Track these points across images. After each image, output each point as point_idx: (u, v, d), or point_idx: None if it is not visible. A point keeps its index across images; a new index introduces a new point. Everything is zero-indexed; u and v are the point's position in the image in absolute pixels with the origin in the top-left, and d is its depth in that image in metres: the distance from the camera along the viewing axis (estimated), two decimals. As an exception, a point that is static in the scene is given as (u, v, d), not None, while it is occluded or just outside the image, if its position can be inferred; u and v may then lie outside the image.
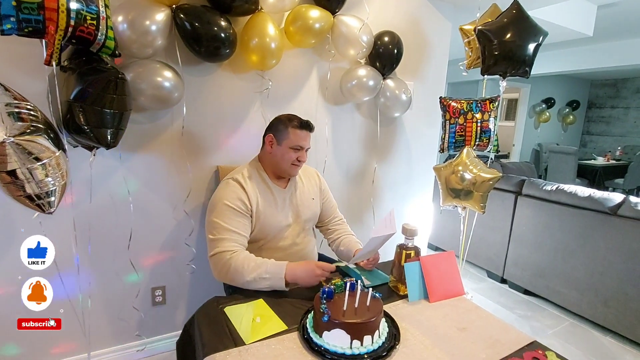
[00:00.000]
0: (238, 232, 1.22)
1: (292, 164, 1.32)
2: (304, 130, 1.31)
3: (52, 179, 1.05)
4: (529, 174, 3.21)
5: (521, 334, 1.00)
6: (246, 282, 1.13)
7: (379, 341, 0.89)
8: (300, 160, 1.32)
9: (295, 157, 1.31)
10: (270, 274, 1.11)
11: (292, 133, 1.29)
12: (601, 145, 6.78)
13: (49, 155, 1.02)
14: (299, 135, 1.30)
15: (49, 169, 1.04)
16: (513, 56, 1.66)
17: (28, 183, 1.01)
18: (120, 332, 1.65)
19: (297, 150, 1.31)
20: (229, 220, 1.22)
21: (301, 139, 1.30)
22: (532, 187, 2.47)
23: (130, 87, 1.34)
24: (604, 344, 2.04)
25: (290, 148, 1.30)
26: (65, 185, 1.13)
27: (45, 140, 1.02)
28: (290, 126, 1.30)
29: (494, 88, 1.91)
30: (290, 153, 1.30)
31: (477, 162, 1.85)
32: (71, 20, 0.96)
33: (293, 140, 1.29)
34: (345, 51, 1.77)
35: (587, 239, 2.16)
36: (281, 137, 1.31)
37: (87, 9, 0.99)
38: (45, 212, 1.10)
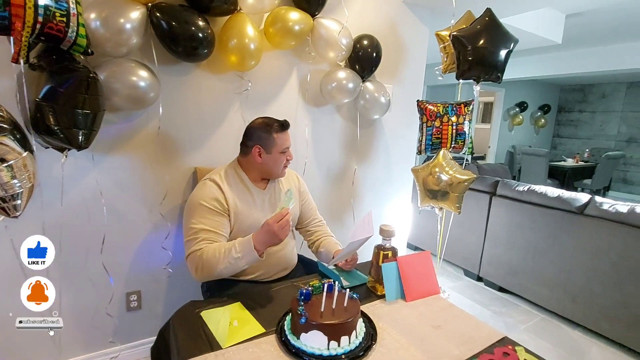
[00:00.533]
0: (214, 231, 1.21)
1: (284, 165, 1.36)
2: (285, 131, 1.33)
3: (19, 181, 1.01)
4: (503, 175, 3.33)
5: (493, 330, 1.04)
6: (222, 270, 1.12)
7: (355, 341, 0.90)
8: (289, 159, 1.36)
9: (285, 157, 1.34)
10: (242, 253, 1.11)
11: (278, 138, 1.30)
12: (570, 148, 7.12)
13: (14, 157, 0.98)
14: (283, 138, 1.32)
15: (15, 171, 0.99)
16: (486, 62, 1.72)
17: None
18: (93, 340, 1.59)
19: (285, 152, 1.34)
20: (205, 220, 1.21)
21: (286, 141, 1.33)
22: (506, 187, 2.56)
23: (104, 87, 1.30)
24: (572, 337, 2.13)
25: (280, 152, 1.32)
26: (33, 188, 1.09)
27: (11, 141, 0.98)
28: (273, 132, 1.29)
29: (470, 92, 1.98)
30: (281, 157, 1.33)
31: (452, 164, 1.90)
32: (39, 16, 0.93)
33: (280, 145, 1.31)
34: (325, 54, 1.78)
35: (556, 237, 2.26)
36: (269, 145, 1.30)
37: (56, 5, 0.96)
38: (10, 216, 1.05)
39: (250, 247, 1.10)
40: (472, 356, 0.91)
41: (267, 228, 1.09)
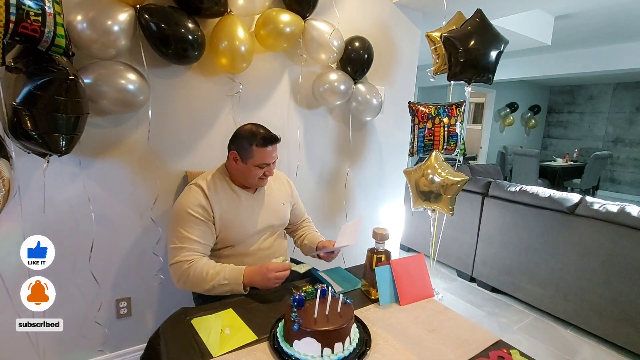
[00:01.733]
0: (198, 240, 1.20)
1: (260, 178, 1.29)
2: (269, 147, 1.24)
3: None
4: (495, 176, 3.36)
5: (487, 334, 1.04)
6: (206, 290, 1.15)
7: (349, 348, 0.89)
8: (267, 174, 1.29)
9: (262, 172, 1.27)
10: (228, 280, 1.13)
11: (256, 152, 1.22)
12: (560, 148, 7.23)
13: None
14: (263, 153, 1.23)
15: None
16: (477, 63, 1.73)
17: None
18: (81, 349, 1.55)
19: (263, 167, 1.26)
20: (190, 229, 1.19)
21: (266, 157, 1.24)
22: (498, 188, 2.57)
23: (91, 90, 1.27)
24: (564, 336, 2.15)
25: (256, 166, 1.25)
26: (8, 196, 1.05)
27: None
28: (254, 144, 1.22)
29: (462, 92, 1.98)
30: (257, 170, 1.26)
31: (445, 165, 1.91)
32: (11, 15, 0.89)
33: (258, 159, 1.23)
34: (317, 55, 1.77)
35: (547, 237, 2.28)
36: (245, 155, 1.24)
37: (29, 4, 0.92)
38: None
39: (239, 278, 1.13)
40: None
41: (264, 271, 1.11)
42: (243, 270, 1.14)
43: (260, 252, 1.36)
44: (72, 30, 1.21)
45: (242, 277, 1.13)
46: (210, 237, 1.24)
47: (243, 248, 1.33)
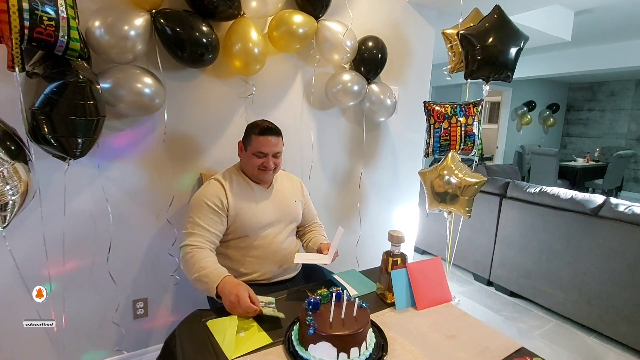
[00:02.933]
0: (207, 228, 1.25)
1: (259, 168, 1.33)
2: (266, 136, 1.30)
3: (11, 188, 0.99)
4: (513, 176, 3.27)
5: (509, 340, 1.00)
6: (191, 280, 1.17)
7: (365, 353, 0.87)
8: (265, 166, 1.32)
9: (260, 162, 1.32)
10: (207, 279, 1.11)
11: (254, 139, 1.31)
12: (580, 147, 6.99)
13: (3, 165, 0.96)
14: (260, 141, 1.30)
15: (7, 178, 0.98)
16: (496, 61, 1.69)
17: None
18: (99, 348, 1.58)
19: (260, 157, 1.31)
20: (202, 217, 1.25)
21: (262, 145, 1.30)
22: (516, 189, 2.50)
23: (110, 94, 1.30)
24: (588, 343, 2.07)
25: (253, 154, 1.31)
26: (25, 197, 1.07)
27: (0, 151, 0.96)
28: (253, 133, 1.32)
29: (477, 91, 1.94)
30: (254, 159, 1.32)
31: (462, 166, 1.86)
32: (25, 21, 0.91)
33: (255, 146, 1.31)
34: (330, 56, 1.76)
35: (570, 239, 2.20)
36: (246, 143, 1.35)
37: (42, 9, 0.94)
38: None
39: (215, 282, 1.09)
40: (488, 368, 0.87)
41: (233, 293, 1.03)
42: (223, 277, 1.10)
43: (273, 245, 1.37)
44: (90, 36, 1.24)
45: (219, 282, 1.09)
46: (220, 226, 1.28)
47: (257, 240, 1.34)
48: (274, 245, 1.37)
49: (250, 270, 1.35)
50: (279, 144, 1.35)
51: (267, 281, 1.38)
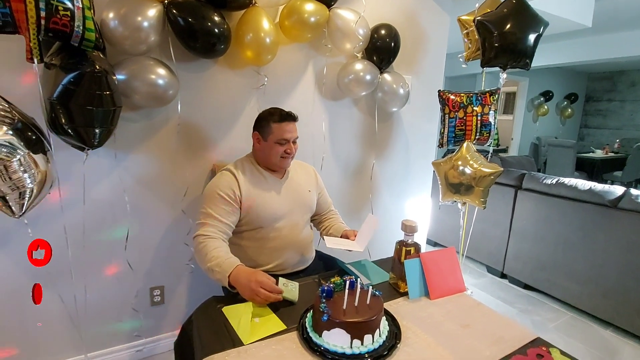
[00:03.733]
0: (220, 218, 1.25)
1: (282, 157, 1.34)
2: (286, 122, 1.32)
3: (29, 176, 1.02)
4: (529, 168, 3.20)
5: (525, 330, 0.99)
6: (204, 269, 1.17)
7: (379, 340, 0.87)
8: (288, 152, 1.34)
9: (283, 150, 1.33)
10: (220, 269, 1.11)
11: (275, 127, 1.31)
12: (599, 139, 6.78)
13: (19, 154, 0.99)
14: (281, 128, 1.31)
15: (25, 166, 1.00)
16: (514, 48, 1.63)
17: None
18: (118, 333, 1.63)
19: (282, 144, 1.32)
20: (215, 207, 1.25)
21: (284, 132, 1.32)
22: (532, 180, 2.45)
23: (125, 85, 1.31)
24: (604, 336, 2.03)
25: (276, 142, 1.32)
26: (42, 185, 1.10)
27: (16, 141, 0.98)
28: (272, 121, 1.32)
29: (492, 81, 1.89)
30: (277, 147, 1.32)
31: (477, 156, 1.83)
32: (41, 11, 0.93)
33: (276, 134, 1.31)
34: (342, 45, 1.74)
35: (587, 231, 2.15)
36: (265, 133, 1.33)
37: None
38: (15, 215, 1.06)
39: (227, 271, 1.09)
40: (503, 357, 0.86)
41: (251, 278, 1.04)
42: (235, 266, 1.10)
43: (288, 236, 1.37)
44: (105, 27, 1.25)
45: (231, 271, 1.09)
46: (232, 217, 1.28)
47: (271, 231, 1.35)
48: (290, 237, 1.38)
49: (266, 261, 1.35)
50: (296, 129, 1.37)
51: (282, 272, 1.38)
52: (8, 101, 1.04)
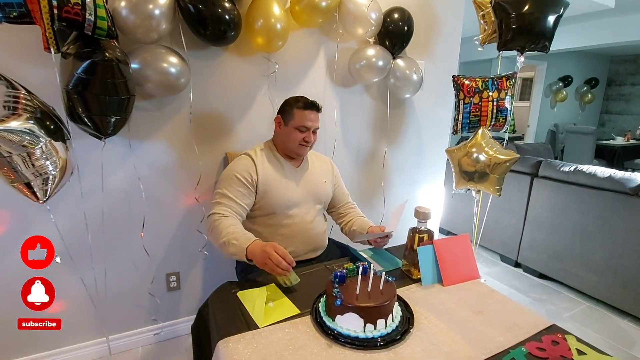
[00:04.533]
0: (235, 199, 1.27)
1: (300, 144, 1.35)
2: (309, 111, 1.34)
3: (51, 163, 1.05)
4: (546, 155, 3.12)
5: (540, 318, 0.98)
6: (219, 245, 1.17)
7: (392, 325, 0.88)
8: (307, 140, 1.35)
9: (302, 137, 1.34)
10: (237, 242, 1.12)
11: (297, 114, 1.33)
12: (620, 125, 6.53)
13: (41, 142, 1.02)
14: (303, 115, 1.33)
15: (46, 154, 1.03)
16: (532, 29, 1.57)
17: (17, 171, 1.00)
18: (137, 317, 1.69)
19: (302, 131, 1.33)
20: (231, 189, 1.28)
21: (306, 120, 1.33)
22: (549, 168, 2.39)
23: (138, 74, 1.32)
24: (621, 327, 2.00)
25: (296, 128, 1.33)
26: (63, 173, 1.12)
27: (37, 129, 1.01)
28: (296, 107, 1.34)
29: (508, 66, 1.83)
30: (297, 133, 1.33)
31: (493, 143, 1.79)
32: (53, 1, 0.94)
33: (298, 120, 1.33)
34: (354, 30, 1.71)
35: (606, 220, 2.10)
36: (287, 118, 1.35)
37: None
38: (39, 200, 1.10)
39: (245, 244, 1.11)
40: (517, 343, 0.86)
41: (267, 250, 1.04)
42: (252, 240, 1.12)
43: (300, 224, 1.38)
44: (117, 16, 1.25)
45: (250, 243, 1.10)
46: (247, 200, 1.30)
47: (284, 218, 1.36)
48: (302, 225, 1.38)
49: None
50: (318, 119, 1.38)
51: (296, 258, 1.38)
52: (29, 91, 1.06)
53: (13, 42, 1.25)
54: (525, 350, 0.83)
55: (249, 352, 0.80)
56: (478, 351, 0.83)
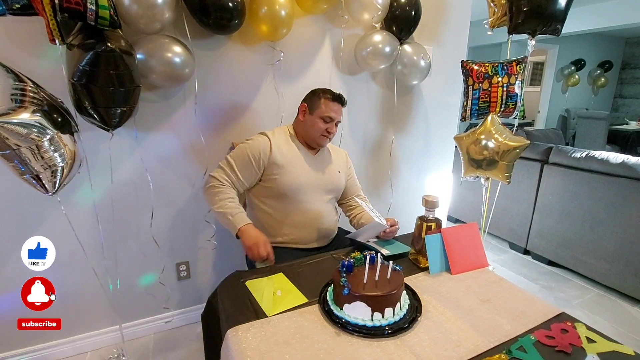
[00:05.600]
0: (238, 174, 1.35)
1: (322, 134, 1.39)
2: (336, 103, 1.38)
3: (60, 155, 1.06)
4: (556, 141, 3.06)
5: (548, 306, 0.97)
6: (213, 209, 1.31)
7: (400, 313, 0.88)
8: (329, 131, 1.39)
9: (325, 128, 1.38)
10: (232, 217, 1.26)
11: (324, 104, 1.37)
12: (635, 109, 6.35)
13: (50, 134, 1.02)
14: (330, 106, 1.37)
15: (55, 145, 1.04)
16: (544, 12, 1.52)
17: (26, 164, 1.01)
18: (148, 306, 1.73)
19: (326, 122, 1.37)
20: (239, 165, 1.35)
21: (331, 110, 1.37)
22: (560, 154, 2.35)
23: (142, 65, 1.32)
24: (632, 314, 1.98)
25: (321, 118, 1.37)
26: (72, 165, 1.13)
27: (45, 121, 1.01)
28: (323, 97, 1.38)
29: (519, 50, 1.78)
30: (320, 123, 1.37)
31: (502, 129, 1.75)
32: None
33: (324, 110, 1.36)
34: (359, 16, 1.67)
35: (618, 207, 2.06)
36: (313, 107, 1.39)
37: None
38: (47, 192, 1.11)
39: (238, 224, 1.25)
40: (525, 332, 0.86)
41: (259, 243, 1.22)
42: (247, 222, 1.27)
43: (312, 212, 1.39)
44: (120, 6, 1.24)
45: (242, 225, 1.25)
46: (249, 176, 1.37)
47: (296, 203, 1.38)
48: (313, 213, 1.39)
49: (289, 232, 1.39)
50: (342, 114, 1.42)
51: (304, 247, 1.41)
52: (37, 83, 1.06)
53: (19, 34, 1.25)
54: (533, 338, 0.83)
55: (257, 341, 0.81)
56: (486, 339, 0.83)
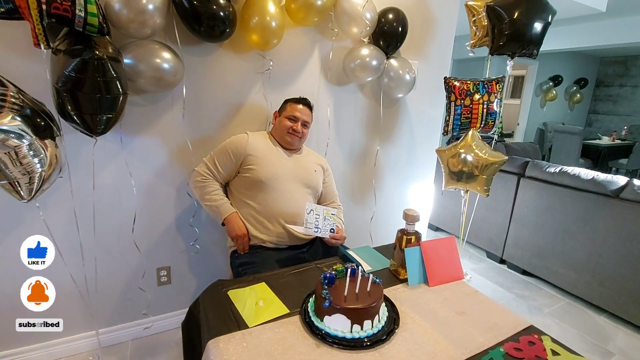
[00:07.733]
0: (220, 169, 1.50)
1: (288, 132, 1.53)
2: (300, 104, 1.56)
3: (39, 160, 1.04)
4: (533, 155, 3.19)
5: (518, 318, 1.03)
6: (201, 201, 1.51)
7: (378, 325, 0.91)
8: (295, 130, 1.52)
9: (291, 125, 1.53)
10: (218, 209, 1.46)
11: (290, 106, 1.56)
12: (607, 125, 6.69)
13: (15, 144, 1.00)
14: (294, 107, 1.55)
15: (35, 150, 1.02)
16: (524, 36, 1.60)
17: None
18: (127, 311, 1.70)
19: (291, 120, 1.53)
20: (218, 157, 1.50)
21: (295, 110, 1.54)
22: (536, 169, 2.45)
23: (130, 69, 1.31)
24: (598, 322, 2.09)
25: (286, 117, 1.54)
26: (53, 168, 1.11)
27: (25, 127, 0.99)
28: (290, 101, 1.58)
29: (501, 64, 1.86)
30: (286, 122, 1.53)
31: (482, 145, 1.83)
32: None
33: (289, 111, 1.55)
34: (349, 29, 1.71)
35: (587, 221, 2.17)
36: (281, 111, 1.59)
37: None
38: (22, 199, 1.09)
39: (224, 214, 1.45)
40: (496, 344, 0.90)
41: (241, 235, 1.43)
42: (231, 212, 1.46)
43: (291, 202, 1.47)
44: (110, 10, 1.23)
45: (228, 215, 1.45)
46: (227, 171, 1.51)
47: (274, 194, 1.46)
48: (292, 202, 1.47)
49: (272, 226, 1.46)
50: (309, 115, 1.58)
51: (289, 243, 1.47)
52: (19, 88, 1.04)
53: (3, 37, 1.22)
54: (503, 350, 0.87)
55: (239, 352, 0.83)
56: (459, 351, 0.87)
